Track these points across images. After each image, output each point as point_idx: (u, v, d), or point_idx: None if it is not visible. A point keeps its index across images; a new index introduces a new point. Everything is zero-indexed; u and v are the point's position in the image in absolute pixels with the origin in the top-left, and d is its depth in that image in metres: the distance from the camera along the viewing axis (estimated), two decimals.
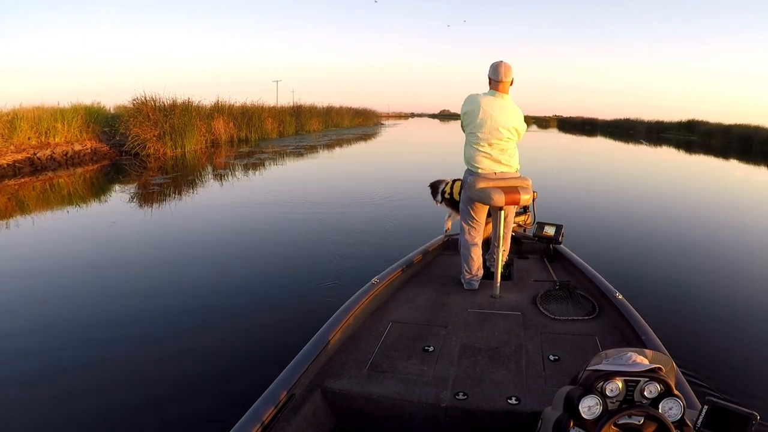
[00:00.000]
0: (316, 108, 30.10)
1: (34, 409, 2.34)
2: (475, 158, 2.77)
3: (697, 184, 12.30)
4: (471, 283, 2.90)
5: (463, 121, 2.83)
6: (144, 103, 14.21)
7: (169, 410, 2.32)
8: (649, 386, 1.15)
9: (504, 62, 2.72)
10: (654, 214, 7.49)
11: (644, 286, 3.96)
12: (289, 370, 1.79)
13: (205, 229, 5.97)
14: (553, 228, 3.39)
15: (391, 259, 3.06)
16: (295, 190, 8.59)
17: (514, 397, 1.76)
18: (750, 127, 26.86)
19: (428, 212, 5.44)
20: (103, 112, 15.12)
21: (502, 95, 2.74)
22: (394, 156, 16.94)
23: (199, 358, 2.80)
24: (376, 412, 1.79)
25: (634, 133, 41.01)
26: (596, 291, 2.71)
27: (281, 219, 6.33)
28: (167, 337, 3.09)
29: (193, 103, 16.15)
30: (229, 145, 17.56)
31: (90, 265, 4.48)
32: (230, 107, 19.48)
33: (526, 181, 2.78)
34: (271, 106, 23.56)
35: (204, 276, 4.23)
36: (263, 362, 2.62)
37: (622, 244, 5.54)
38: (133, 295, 3.76)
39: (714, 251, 5.42)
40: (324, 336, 2.05)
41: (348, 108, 37.29)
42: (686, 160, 19.35)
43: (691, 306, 3.72)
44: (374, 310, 2.54)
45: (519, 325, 2.39)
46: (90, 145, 13.20)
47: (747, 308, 3.72)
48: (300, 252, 4.84)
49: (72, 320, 3.33)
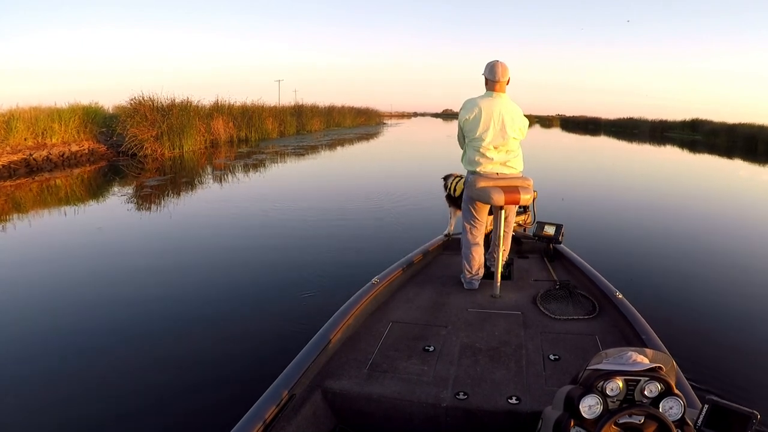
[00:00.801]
0: (317, 107, 30.19)
1: (28, 415, 2.35)
2: (479, 162, 2.79)
3: (700, 183, 12.30)
4: (471, 282, 2.93)
5: (463, 127, 2.83)
6: (141, 103, 14.23)
7: (169, 411, 2.35)
8: (650, 385, 1.16)
9: (500, 62, 2.74)
10: (655, 213, 7.51)
11: (644, 286, 3.97)
12: (290, 370, 1.80)
13: (200, 230, 5.98)
14: (553, 227, 3.42)
15: (391, 260, 3.08)
16: (290, 191, 8.65)
17: (514, 396, 1.77)
18: (755, 127, 26.87)
19: (423, 215, 5.46)
20: (101, 112, 15.16)
21: (499, 95, 2.75)
22: (395, 156, 16.97)
23: (199, 360, 2.81)
24: (376, 412, 1.81)
25: (638, 132, 40.99)
26: (596, 290, 2.73)
27: (276, 219, 6.34)
28: (168, 338, 3.11)
29: (192, 103, 16.19)
30: (229, 146, 17.58)
31: (87, 268, 4.51)
32: (230, 107, 19.52)
33: (527, 181, 2.80)
34: (271, 106, 23.61)
35: (203, 277, 4.24)
36: (263, 362, 2.65)
37: (622, 243, 5.57)
38: (133, 295, 3.79)
39: (715, 251, 5.44)
40: (324, 336, 2.06)
41: (350, 107, 37.40)
42: (691, 160, 19.35)
43: (691, 305, 3.74)
44: (374, 310, 2.56)
45: (519, 324, 2.41)
46: (87, 146, 13.23)
47: (748, 307, 3.74)
48: (293, 254, 4.83)
49: (72, 323, 3.34)
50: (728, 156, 20.23)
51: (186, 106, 15.61)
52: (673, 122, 40.94)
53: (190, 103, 16.05)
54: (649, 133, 39.76)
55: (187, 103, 15.82)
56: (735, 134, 27.99)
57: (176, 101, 15.22)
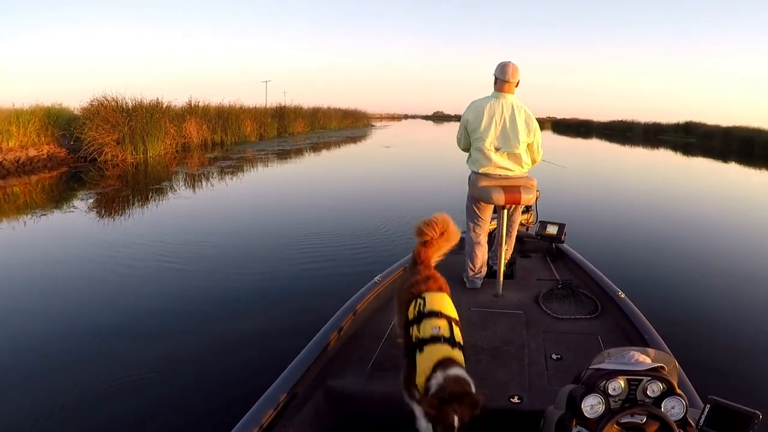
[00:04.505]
0: (301, 109, 30.04)
1: (28, 416, 2.40)
2: (482, 162, 2.88)
3: (702, 185, 12.67)
4: (474, 281, 3.02)
5: (467, 128, 2.92)
6: (103, 104, 13.83)
7: (171, 409, 2.43)
8: (652, 385, 1.21)
9: (512, 62, 2.83)
10: (656, 213, 7.74)
11: (647, 286, 4.10)
12: (292, 369, 1.86)
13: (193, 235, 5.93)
14: (555, 227, 3.53)
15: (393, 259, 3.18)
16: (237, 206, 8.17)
17: (516, 395, 1.84)
18: (750, 130, 27.52)
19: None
20: (64, 113, 14.74)
21: (505, 96, 2.84)
22: (371, 163, 16.75)
23: (202, 360, 2.91)
24: (378, 410, 1.87)
25: (631, 135, 41.86)
26: (599, 290, 2.81)
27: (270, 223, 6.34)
28: (168, 338, 3.22)
29: (162, 104, 15.91)
30: (202, 150, 17.32)
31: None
32: (204, 108, 19.27)
33: (530, 181, 2.88)
34: (251, 107, 23.38)
35: (203, 278, 4.36)
36: (265, 362, 2.71)
37: (625, 243, 5.73)
38: (132, 297, 3.94)
39: (717, 251, 5.63)
40: (327, 335, 2.13)
41: (336, 109, 37.36)
42: (690, 163, 19.85)
43: (693, 305, 3.86)
44: (377, 309, 2.63)
45: (521, 323, 2.49)
46: (47, 150, 12.91)
47: (749, 308, 3.87)
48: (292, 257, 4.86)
49: (71, 323, 3.46)
50: (724, 160, 20.77)
51: (154, 107, 15.32)
52: (666, 125, 41.99)
53: (159, 104, 15.80)
54: (642, 135, 40.62)
55: (156, 103, 15.55)
56: (730, 137, 28.67)
57: (144, 102, 14.94)
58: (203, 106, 19.21)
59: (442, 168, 12.38)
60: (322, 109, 34.01)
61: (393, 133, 36.11)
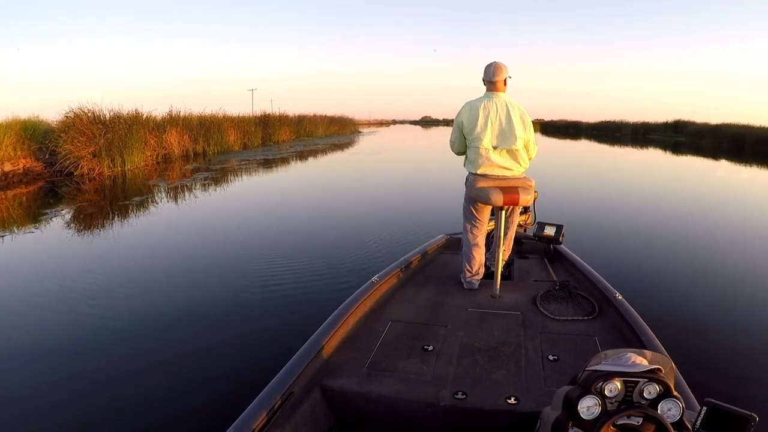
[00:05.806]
0: (286, 117, 30.03)
1: (26, 418, 2.45)
2: (478, 163, 2.91)
3: (698, 185, 12.84)
4: (471, 282, 3.04)
5: (462, 130, 2.95)
6: (78, 115, 13.67)
7: (167, 409, 2.48)
8: (648, 387, 1.22)
9: (496, 62, 2.90)
10: (654, 215, 7.85)
11: (644, 287, 4.16)
12: (289, 368, 1.88)
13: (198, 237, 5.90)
14: (553, 228, 3.57)
15: (390, 259, 3.23)
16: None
17: (513, 396, 1.85)
18: (740, 127, 28.08)
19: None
20: (41, 126, 14.55)
21: (498, 95, 2.89)
22: (354, 169, 16.79)
23: (197, 359, 2.98)
24: (375, 410, 1.89)
25: (620, 135, 42.48)
26: (596, 291, 2.85)
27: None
28: (167, 338, 3.32)
29: (142, 115, 15.82)
30: (183, 160, 17.22)
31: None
32: (186, 118, 19.20)
33: (528, 182, 2.93)
34: (233, 116, 23.33)
35: (202, 280, 4.52)
36: (262, 361, 2.77)
37: (623, 244, 5.81)
38: (131, 297, 4.07)
39: (715, 252, 5.71)
40: (323, 334, 2.16)
41: (322, 116, 37.40)
42: (681, 163, 20.14)
43: (691, 307, 3.91)
44: (374, 309, 2.66)
45: (518, 324, 2.52)
46: (23, 165, 12.77)
47: (747, 309, 3.91)
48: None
49: (72, 323, 3.57)
50: (715, 157, 21.15)
51: (134, 118, 15.21)
52: (655, 124, 42.75)
53: (139, 114, 15.70)
54: (631, 135, 41.26)
55: (135, 114, 15.46)
56: (720, 135, 29.20)
57: (123, 113, 14.84)
58: (184, 116, 19.14)
59: (431, 174, 12.50)
60: (308, 117, 34.05)
61: (380, 139, 36.30)
